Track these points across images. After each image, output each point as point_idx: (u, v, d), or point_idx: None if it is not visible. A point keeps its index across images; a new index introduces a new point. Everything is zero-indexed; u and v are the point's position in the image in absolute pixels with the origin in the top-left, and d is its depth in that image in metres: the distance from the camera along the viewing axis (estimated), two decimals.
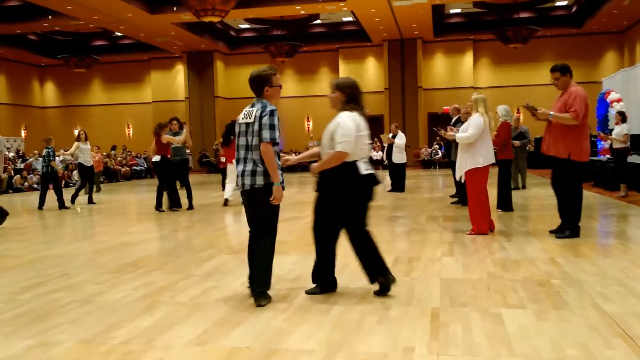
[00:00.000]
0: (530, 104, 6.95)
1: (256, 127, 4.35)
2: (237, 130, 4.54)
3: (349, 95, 4.55)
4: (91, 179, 14.46)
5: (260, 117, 4.35)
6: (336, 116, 4.51)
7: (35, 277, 5.67)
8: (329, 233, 4.61)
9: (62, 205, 12.73)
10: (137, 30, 25.42)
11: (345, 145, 4.34)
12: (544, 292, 4.48)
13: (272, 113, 4.37)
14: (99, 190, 18.02)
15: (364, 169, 4.47)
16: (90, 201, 13.74)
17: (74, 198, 13.57)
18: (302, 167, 28.00)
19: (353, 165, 4.43)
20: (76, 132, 20.12)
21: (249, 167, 4.40)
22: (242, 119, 4.49)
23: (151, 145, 11.84)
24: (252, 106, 4.48)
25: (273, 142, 4.35)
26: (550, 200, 11.37)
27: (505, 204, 9.63)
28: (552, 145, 6.78)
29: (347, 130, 4.36)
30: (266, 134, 4.32)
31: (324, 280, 4.69)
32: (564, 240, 6.76)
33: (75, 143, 13.87)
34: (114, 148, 26.70)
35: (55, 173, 12.82)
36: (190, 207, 11.69)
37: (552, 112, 6.72)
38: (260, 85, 4.49)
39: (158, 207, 11.50)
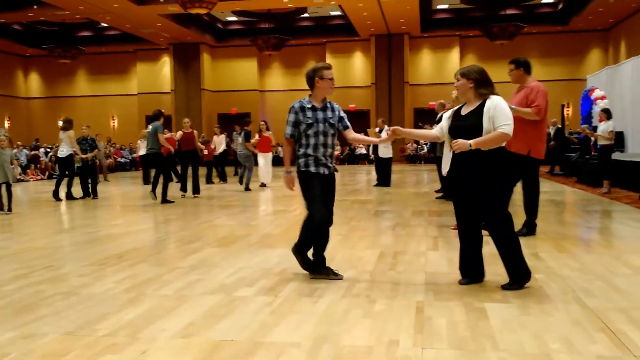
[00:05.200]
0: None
1: None
2: None
3: (482, 80, 4.52)
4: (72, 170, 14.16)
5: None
6: (488, 99, 4.46)
7: (18, 268, 5.63)
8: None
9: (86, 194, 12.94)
10: (123, 21, 25.22)
11: (510, 128, 4.34)
12: (528, 287, 4.51)
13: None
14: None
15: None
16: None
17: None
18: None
19: (504, 148, 4.49)
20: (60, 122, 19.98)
21: None
22: None
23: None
24: None
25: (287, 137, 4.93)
26: None
27: None
28: (513, 141, 6.68)
29: (508, 113, 4.39)
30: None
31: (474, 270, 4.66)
32: (547, 235, 6.81)
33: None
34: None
35: (87, 162, 12.88)
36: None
37: (513, 106, 6.63)
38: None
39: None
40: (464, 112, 4.58)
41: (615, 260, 5.45)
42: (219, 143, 17.42)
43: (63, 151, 12.57)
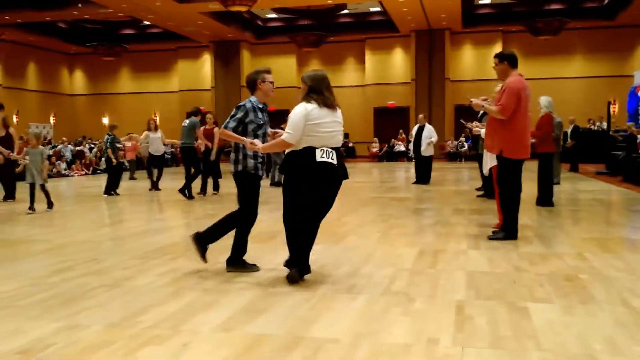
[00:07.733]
0: (468, 96, 6.80)
1: None
2: None
3: (310, 87, 4.83)
4: (160, 167, 14.00)
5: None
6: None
7: (63, 261, 5.77)
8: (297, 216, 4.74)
9: (108, 191, 12.85)
10: (165, 19, 25.57)
11: (288, 136, 4.60)
12: (571, 287, 4.43)
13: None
14: (134, 178, 18.23)
15: (320, 156, 4.58)
16: (156, 188, 13.58)
17: (156, 185, 13.67)
18: None
19: (311, 151, 4.58)
20: (105, 120, 20.31)
21: None
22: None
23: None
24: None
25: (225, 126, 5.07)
26: (578, 194, 11.23)
27: (544, 199, 9.35)
28: (488, 141, 6.52)
29: (294, 123, 4.61)
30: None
31: (301, 263, 4.75)
32: (592, 235, 6.66)
33: (145, 132, 13.91)
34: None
35: (109, 160, 12.92)
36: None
37: (484, 104, 6.49)
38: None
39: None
40: None
41: None
42: None
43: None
